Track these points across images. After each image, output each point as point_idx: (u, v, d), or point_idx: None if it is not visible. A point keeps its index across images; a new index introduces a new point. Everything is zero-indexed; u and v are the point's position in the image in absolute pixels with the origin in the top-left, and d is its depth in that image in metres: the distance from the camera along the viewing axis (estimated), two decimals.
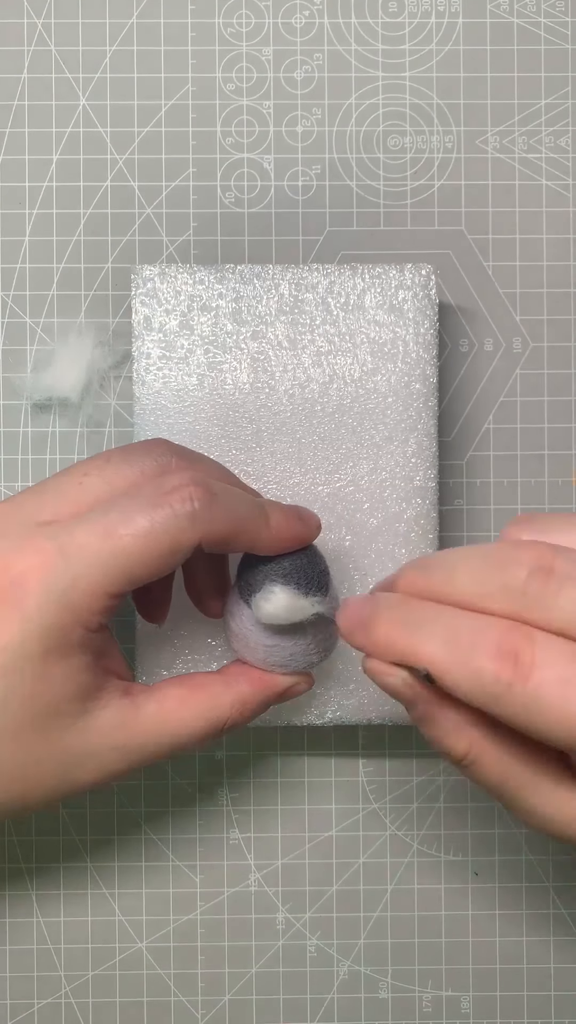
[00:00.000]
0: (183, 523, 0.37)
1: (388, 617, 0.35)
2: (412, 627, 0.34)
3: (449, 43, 0.51)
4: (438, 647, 0.33)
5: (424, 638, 0.33)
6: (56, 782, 0.39)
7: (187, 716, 0.40)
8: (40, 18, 0.51)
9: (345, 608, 0.36)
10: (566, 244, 0.51)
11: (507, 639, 0.32)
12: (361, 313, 0.47)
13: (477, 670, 0.32)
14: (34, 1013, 0.51)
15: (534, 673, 0.32)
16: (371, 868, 0.51)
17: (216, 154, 0.51)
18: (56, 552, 0.37)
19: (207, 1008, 0.51)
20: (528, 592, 0.33)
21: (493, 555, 0.34)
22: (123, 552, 0.37)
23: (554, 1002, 0.51)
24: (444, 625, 0.33)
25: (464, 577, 0.34)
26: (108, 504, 0.38)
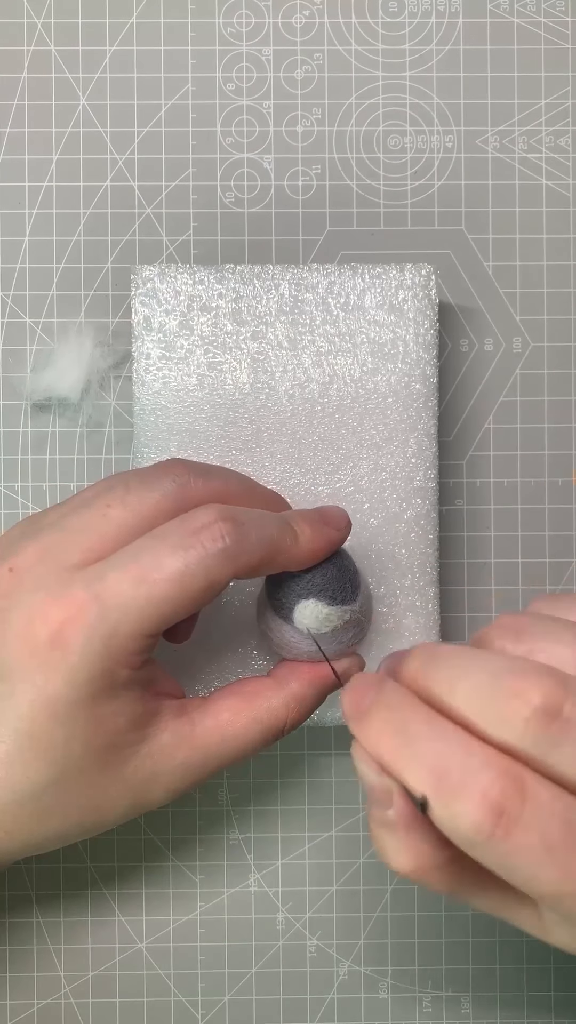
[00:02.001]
0: (216, 561, 0.37)
1: (383, 715, 0.33)
2: (403, 742, 0.32)
3: (449, 43, 0.51)
4: (424, 772, 0.31)
5: (412, 757, 0.31)
6: (128, 805, 0.40)
7: (243, 725, 0.40)
8: (40, 18, 0.51)
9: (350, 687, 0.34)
10: (566, 244, 0.51)
11: (497, 787, 0.30)
12: (361, 313, 0.47)
13: (459, 813, 0.30)
14: (34, 1013, 0.51)
15: (516, 832, 0.30)
16: (371, 868, 0.51)
17: (216, 154, 0.51)
18: (92, 602, 0.37)
19: (207, 1008, 0.51)
20: (527, 734, 0.30)
21: (500, 677, 0.31)
22: (158, 597, 0.37)
23: (554, 1002, 0.51)
24: (436, 748, 0.31)
25: (466, 694, 0.31)
26: (138, 545, 0.37)
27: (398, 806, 0.33)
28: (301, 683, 0.41)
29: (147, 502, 0.39)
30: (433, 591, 0.47)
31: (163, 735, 0.39)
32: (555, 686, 0.30)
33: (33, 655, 0.37)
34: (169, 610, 0.37)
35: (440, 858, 0.33)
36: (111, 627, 0.36)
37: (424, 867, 0.33)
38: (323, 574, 0.41)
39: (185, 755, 0.40)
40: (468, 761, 0.30)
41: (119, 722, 0.38)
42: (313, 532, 0.40)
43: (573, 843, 0.30)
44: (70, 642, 0.36)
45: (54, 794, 0.38)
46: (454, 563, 0.51)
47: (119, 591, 0.37)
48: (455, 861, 0.33)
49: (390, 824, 0.33)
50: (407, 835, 0.33)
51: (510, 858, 0.30)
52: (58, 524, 0.39)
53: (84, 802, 0.39)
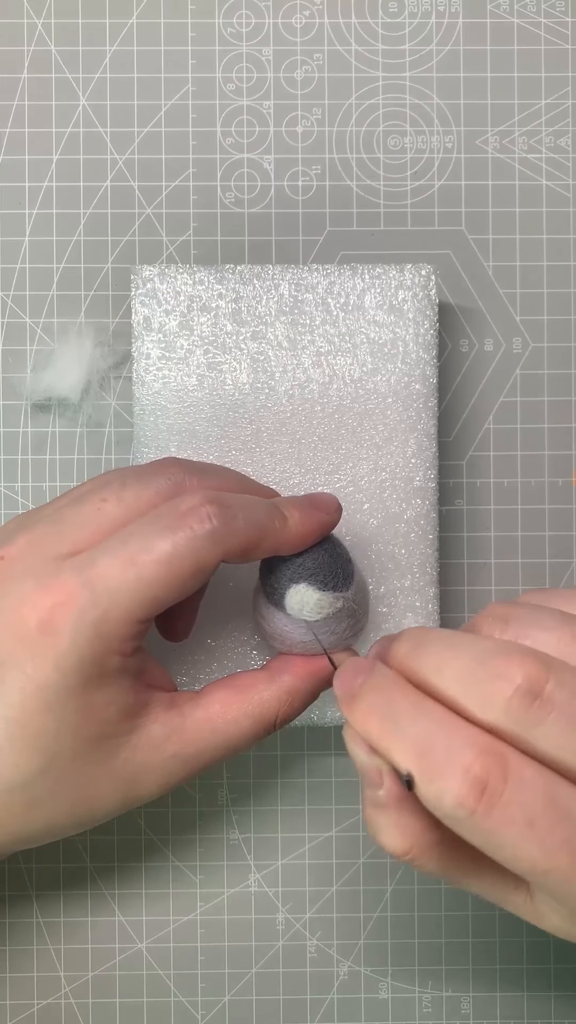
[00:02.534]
0: (204, 542, 0.37)
1: (370, 702, 0.33)
2: (390, 722, 0.33)
3: (449, 43, 0.51)
4: (410, 750, 0.32)
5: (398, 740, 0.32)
6: (119, 798, 0.39)
7: (234, 717, 0.40)
8: (40, 18, 0.51)
9: (342, 671, 0.35)
10: (566, 244, 0.51)
11: (479, 764, 0.30)
12: (361, 313, 0.47)
13: (442, 789, 0.31)
14: (34, 1014, 0.51)
15: (498, 807, 0.30)
16: (371, 868, 0.51)
17: (216, 154, 0.51)
18: (82, 586, 0.37)
19: (207, 1008, 0.51)
20: (510, 713, 0.31)
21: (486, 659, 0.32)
22: (147, 579, 0.37)
23: (554, 1002, 0.51)
24: (422, 727, 0.32)
25: (451, 675, 0.32)
26: (127, 530, 0.38)
27: (388, 786, 0.33)
28: (294, 676, 0.41)
29: (141, 498, 0.39)
30: (433, 591, 0.47)
31: (153, 726, 0.39)
32: (537, 667, 0.31)
33: (22, 642, 0.37)
34: (159, 593, 0.37)
35: (431, 838, 0.34)
36: (101, 612, 0.36)
37: (416, 847, 0.34)
38: (314, 558, 0.41)
39: (176, 747, 0.39)
40: (452, 739, 0.31)
41: (109, 711, 0.38)
42: (302, 516, 0.40)
43: (554, 819, 0.30)
44: (59, 628, 0.36)
45: (44, 784, 0.38)
46: (454, 563, 0.51)
47: (109, 575, 0.37)
48: (446, 842, 0.34)
49: (381, 804, 0.34)
50: (398, 814, 0.34)
51: (493, 834, 0.30)
52: (52, 517, 0.39)
53: (74, 793, 0.38)
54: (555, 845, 0.30)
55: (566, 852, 0.30)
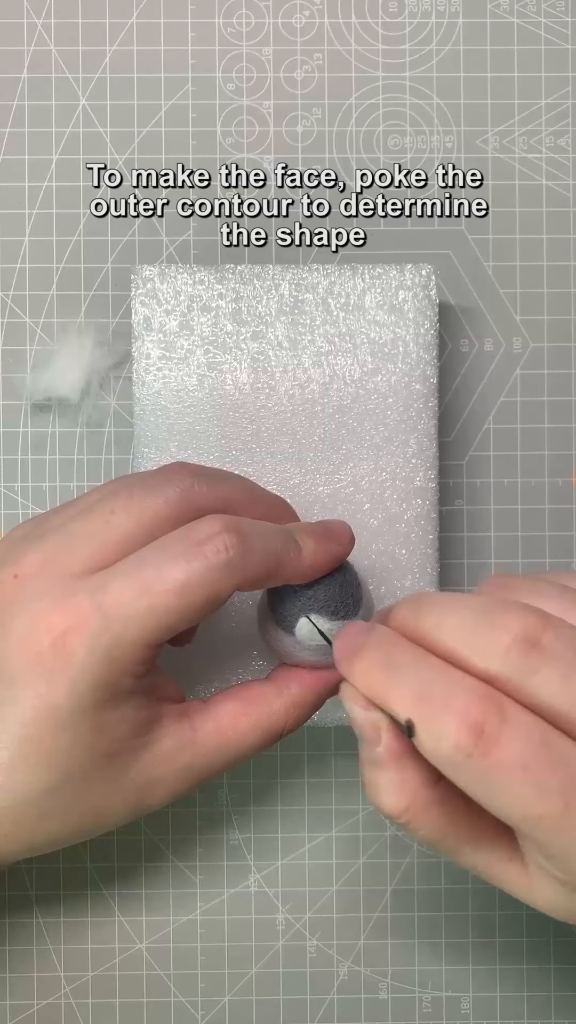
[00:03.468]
0: (219, 573, 0.37)
1: (371, 654, 0.34)
2: (391, 669, 0.33)
3: (449, 43, 0.51)
4: (407, 698, 0.32)
5: (397, 685, 0.33)
6: (128, 810, 0.40)
7: (243, 730, 0.40)
8: (40, 18, 0.51)
9: (342, 633, 0.36)
10: (566, 244, 0.51)
11: (477, 708, 0.31)
12: (361, 313, 0.47)
13: (440, 732, 0.31)
14: (34, 1014, 0.51)
15: (495, 750, 0.31)
16: (371, 869, 0.51)
17: (216, 154, 0.51)
18: (95, 611, 0.36)
19: (207, 1009, 0.51)
20: (507, 661, 0.32)
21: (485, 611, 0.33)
22: (160, 608, 0.36)
23: (554, 1002, 0.51)
24: (419, 676, 0.33)
25: (451, 628, 0.33)
26: (141, 554, 0.37)
27: (386, 741, 0.34)
28: (302, 687, 0.42)
29: (150, 508, 0.38)
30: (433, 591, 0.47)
31: (165, 740, 0.39)
32: (536, 618, 0.32)
33: (36, 663, 0.37)
34: (172, 621, 0.37)
35: (428, 796, 0.34)
36: (114, 637, 0.36)
37: (412, 806, 0.34)
38: (326, 590, 0.41)
39: (187, 760, 0.40)
40: (450, 685, 0.32)
41: (122, 729, 0.38)
42: (317, 546, 0.40)
43: (549, 764, 0.31)
44: (73, 651, 0.36)
45: (55, 799, 0.38)
46: (454, 563, 0.51)
47: (122, 601, 0.36)
48: (443, 803, 0.34)
49: (379, 762, 0.34)
50: (397, 770, 0.34)
51: (489, 778, 0.31)
52: (62, 530, 0.39)
53: (85, 807, 0.39)
54: (549, 790, 0.31)
55: (559, 797, 0.31)
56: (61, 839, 0.39)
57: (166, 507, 0.39)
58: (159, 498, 0.39)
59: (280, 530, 0.40)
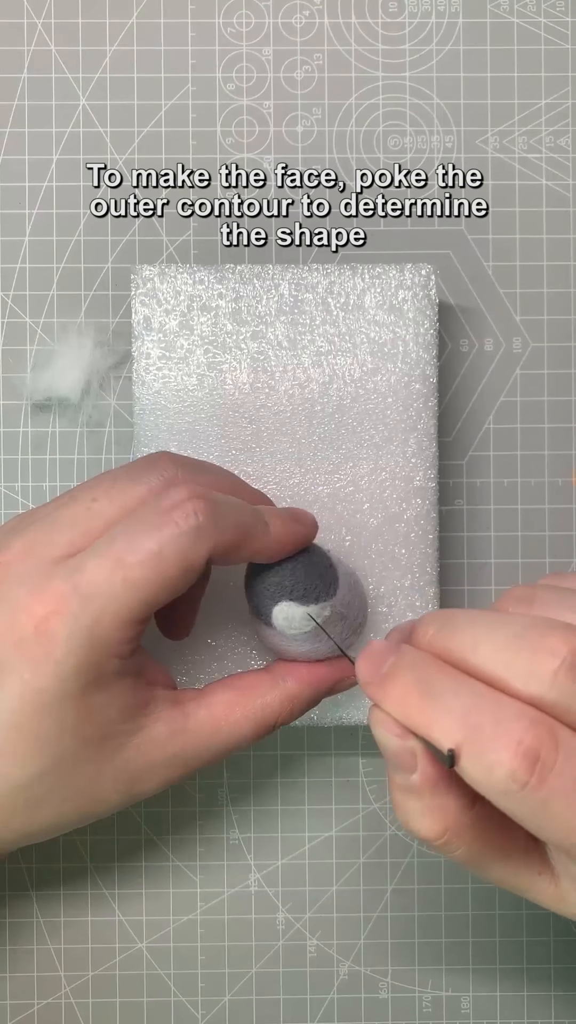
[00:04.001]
0: (189, 539, 0.37)
1: (407, 677, 0.33)
2: (430, 695, 0.32)
3: (449, 43, 0.51)
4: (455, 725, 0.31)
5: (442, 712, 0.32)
6: (120, 796, 0.40)
7: (236, 719, 0.40)
8: (40, 18, 0.51)
9: (366, 654, 0.35)
10: (566, 244, 0.51)
11: (530, 735, 0.30)
12: (361, 313, 0.47)
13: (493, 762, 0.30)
14: (34, 1013, 0.51)
15: (551, 778, 0.30)
16: (371, 868, 0.51)
17: (216, 154, 0.51)
18: (72, 592, 0.37)
19: (207, 1008, 0.51)
20: (555, 685, 0.31)
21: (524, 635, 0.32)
22: (136, 580, 0.36)
23: (554, 1002, 0.51)
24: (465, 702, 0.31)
25: (489, 651, 0.32)
26: (114, 530, 0.37)
27: (423, 767, 0.33)
28: (297, 681, 0.42)
29: (131, 495, 0.39)
30: (433, 591, 0.47)
31: (157, 726, 0.39)
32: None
33: (19, 649, 0.37)
34: (149, 594, 0.37)
35: (464, 820, 0.34)
36: (93, 617, 0.36)
37: (450, 830, 0.34)
38: (291, 574, 0.41)
39: (178, 747, 0.40)
40: (500, 712, 0.31)
41: (110, 713, 0.38)
42: (283, 525, 0.40)
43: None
44: (55, 636, 0.36)
45: (46, 784, 0.38)
46: (454, 563, 0.51)
47: (97, 580, 0.36)
48: (479, 824, 0.34)
49: (414, 789, 0.33)
50: (433, 797, 0.33)
51: (544, 807, 0.30)
52: (46, 518, 0.39)
53: (77, 792, 0.39)
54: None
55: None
56: (56, 826, 0.39)
57: (148, 494, 0.39)
58: (141, 485, 0.39)
59: (248, 505, 0.40)
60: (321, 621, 0.41)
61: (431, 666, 0.33)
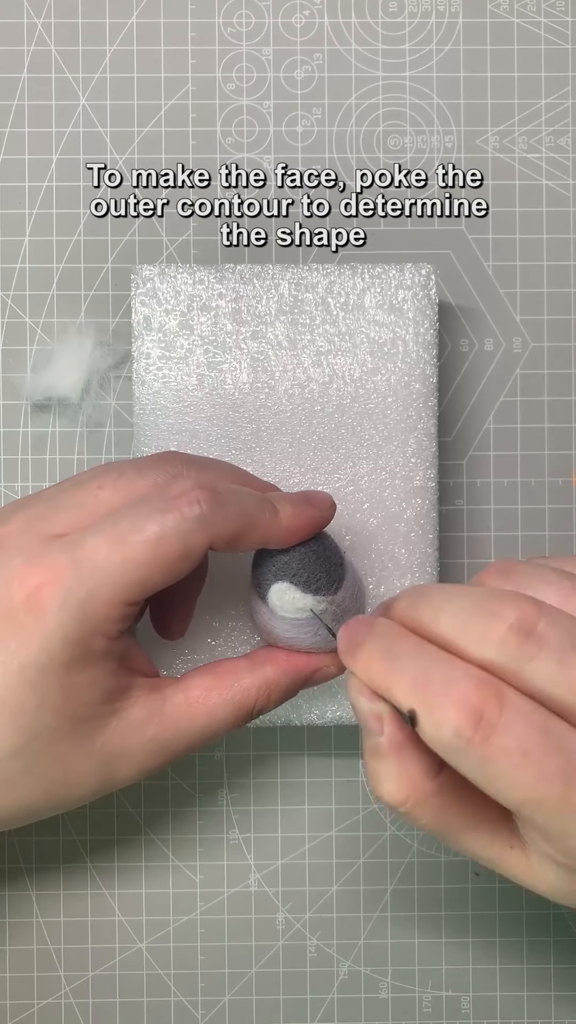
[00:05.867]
0: (192, 526, 0.37)
1: (372, 645, 0.35)
2: (390, 659, 0.34)
3: (449, 43, 0.51)
4: (408, 686, 0.33)
5: (398, 678, 0.33)
6: (95, 781, 0.40)
7: (214, 703, 0.40)
8: (40, 18, 0.51)
9: (346, 626, 0.36)
10: (566, 244, 0.51)
11: (476, 694, 0.32)
12: (361, 313, 0.47)
13: (440, 719, 0.32)
14: (34, 1014, 0.51)
15: (494, 735, 0.31)
16: (371, 868, 0.51)
17: (216, 154, 0.51)
18: (70, 565, 0.37)
19: (207, 1008, 0.51)
20: (504, 649, 0.32)
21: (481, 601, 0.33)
22: (135, 559, 0.37)
23: (554, 1002, 0.51)
24: (419, 665, 0.33)
25: (448, 618, 0.34)
26: (118, 513, 0.38)
27: (388, 731, 0.35)
28: (276, 668, 0.42)
29: (137, 487, 0.39)
30: None
31: (133, 709, 0.39)
32: (530, 607, 0.33)
33: (8, 619, 0.37)
34: (146, 574, 0.37)
35: (429, 786, 0.35)
36: (88, 590, 0.37)
37: (414, 795, 0.35)
38: (300, 558, 0.41)
39: (154, 731, 0.40)
40: (449, 673, 0.32)
41: (91, 692, 0.38)
42: (294, 510, 0.41)
43: (548, 749, 0.32)
44: (46, 606, 0.37)
45: (21, 762, 0.38)
46: (454, 563, 0.51)
47: (97, 555, 0.37)
48: (444, 792, 0.35)
49: (382, 752, 0.35)
50: (398, 759, 0.35)
51: (489, 763, 0.32)
52: (50, 499, 0.40)
53: (52, 774, 0.38)
54: (549, 774, 0.31)
55: (559, 781, 0.31)
56: (29, 809, 0.39)
57: (153, 488, 0.39)
58: (147, 479, 0.39)
59: (255, 493, 0.40)
60: (318, 612, 0.41)
61: (396, 634, 0.35)
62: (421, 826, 0.36)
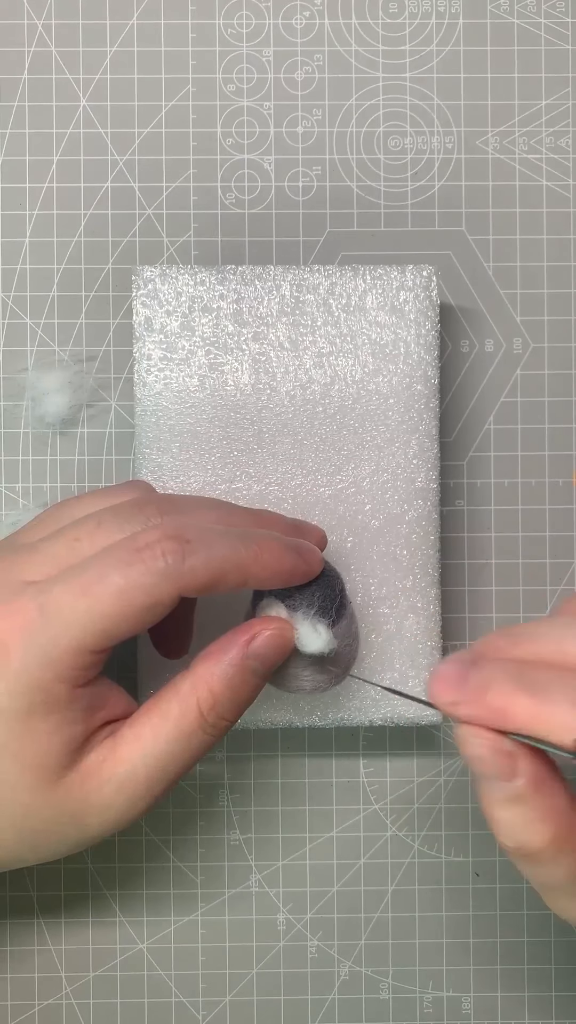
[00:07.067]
0: (157, 579, 0.37)
1: (509, 682, 0.33)
2: (538, 691, 0.32)
3: (449, 44, 0.51)
4: (572, 711, 0.31)
5: (555, 702, 0.32)
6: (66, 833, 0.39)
7: (157, 722, 0.39)
8: (40, 19, 0.51)
9: (439, 676, 0.34)
10: (566, 245, 0.51)
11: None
12: (362, 314, 0.47)
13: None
14: (35, 1014, 0.51)
15: None
16: (372, 869, 0.51)
17: (216, 155, 0.51)
18: (36, 611, 0.37)
19: (208, 1009, 0.51)
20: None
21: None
22: (98, 611, 0.36)
23: (555, 1003, 0.51)
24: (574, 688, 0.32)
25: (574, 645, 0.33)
26: (86, 561, 0.38)
27: (526, 767, 0.33)
28: (208, 660, 0.39)
29: (113, 540, 0.38)
30: (435, 592, 0.47)
31: (91, 755, 0.39)
32: None
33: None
34: (111, 625, 0.37)
35: (572, 821, 0.33)
36: (51, 637, 0.36)
37: (561, 831, 0.33)
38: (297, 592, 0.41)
39: (108, 772, 0.38)
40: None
41: (52, 741, 0.37)
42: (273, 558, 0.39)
43: None
44: (11, 649, 0.37)
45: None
46: (454, 564, 0.51)
47: (61, 602, 0.37)
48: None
49: (517, 795, 0.33)
50: (539, 799, 0.33)
51: None
52: (29, 546, 0.40)
53: (17, 822, 0.38)
54: None
55: None
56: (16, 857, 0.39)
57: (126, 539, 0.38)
58: (126, 531, 0.39)
59: (232, 536, 0.39)
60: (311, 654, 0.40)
61: (529, 668, 0.33)
62: (560, 874, 0.34)
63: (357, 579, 0.47)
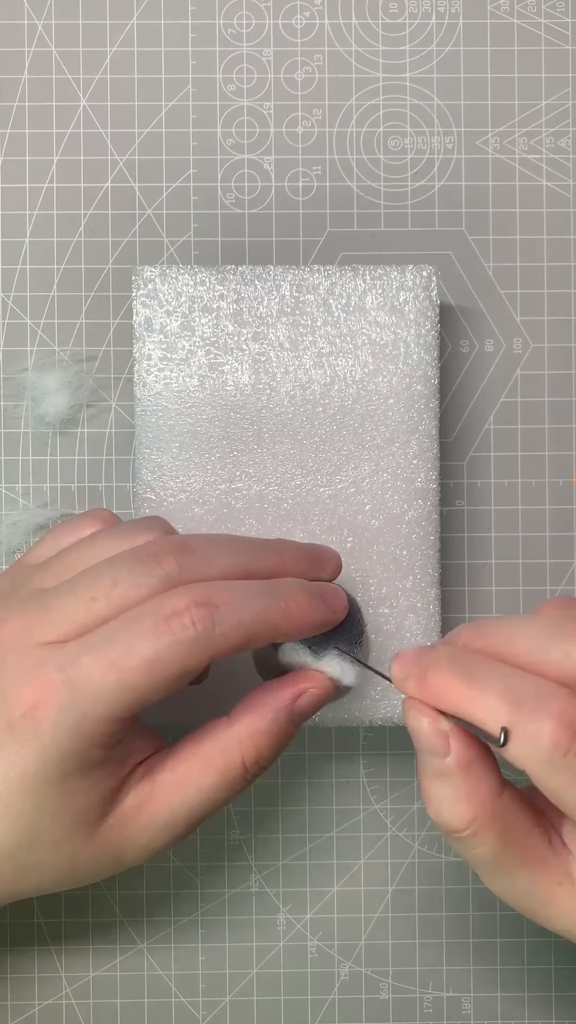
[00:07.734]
0: (188, 648, 0.37)
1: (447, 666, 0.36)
2: (472, 679, 0.35)
3: (449, 44, 0.51)
4: (498, 702, 0.34)
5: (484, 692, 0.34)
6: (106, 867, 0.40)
7: (198, 771, 0.40)
8: (40, 19, 0.51)
9: (400, 656, 0.37)
10: (566, 245, 0.51)
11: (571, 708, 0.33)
12: (362, 314, 0.47)
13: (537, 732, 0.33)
14: (35, 1014, 0.51)
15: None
16: (372, 869, 0.51)
17: (216, 155, 0.51)
18: (64, 685, 0.37)
19: (208, 1009, 0.51)
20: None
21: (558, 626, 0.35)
22: (129, 683, 0.36)
23: (555, 1003, 0.51)
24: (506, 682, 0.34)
25: (526, 641, 0.35)
26: (111, 627, 0.37)
27: (456, 748, 0.36)
28: (253, 715, 0.40)
29: (130, 599, 0.38)
30: (435, 592, 0.47)
31: (127, 799, 0.39)
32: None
33: (8, 731, 0.37)
34: (141, 696, 0.37)
35: (494, 808, 0.36)
36: (82, 711, 0.36)
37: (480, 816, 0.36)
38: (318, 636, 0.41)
39: (147, 816, 0.39)
40: (539, 689, 0.34)
41: (90, 798, 0.38)
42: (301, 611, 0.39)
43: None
44: (42, 723, 0.37)
45: (29, 856, 0.39)
46: (454, 564, 0.51)
47: (90, 677, 0.36)
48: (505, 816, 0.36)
49: (447, 772, 0.36)
50: (466, 778, 0.36)
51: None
52: (43, 601, 0.39)
53: (58, 865, 0.39)
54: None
55: None
56: (43, 889, 0.40)
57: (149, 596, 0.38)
58: (143, 589, 0.38)
59: (261, 592, 0.39)
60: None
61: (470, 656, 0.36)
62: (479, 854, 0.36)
63: (357, 579, 0.47)
